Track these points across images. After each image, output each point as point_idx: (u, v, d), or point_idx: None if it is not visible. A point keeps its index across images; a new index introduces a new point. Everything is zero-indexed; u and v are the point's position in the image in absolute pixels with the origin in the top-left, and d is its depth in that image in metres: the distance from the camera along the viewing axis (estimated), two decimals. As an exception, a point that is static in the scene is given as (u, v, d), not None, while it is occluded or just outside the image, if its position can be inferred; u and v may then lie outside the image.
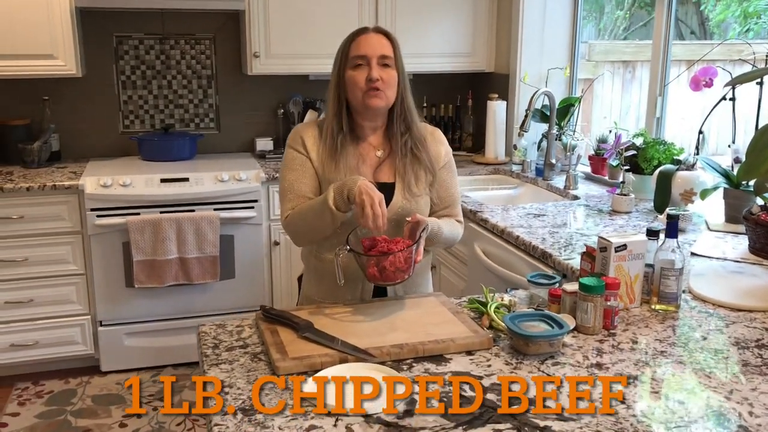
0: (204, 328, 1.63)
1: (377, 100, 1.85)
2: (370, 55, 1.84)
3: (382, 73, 1.85)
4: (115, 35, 3.76)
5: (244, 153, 4.00)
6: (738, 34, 4.37)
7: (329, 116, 1.93)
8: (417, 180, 1.92)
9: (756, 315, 1.71)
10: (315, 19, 3.64)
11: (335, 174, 1.87)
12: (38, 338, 3.32)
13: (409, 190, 1.90)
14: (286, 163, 1.95)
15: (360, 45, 1.86)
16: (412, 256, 1.67)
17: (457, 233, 2.02)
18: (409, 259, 1.66)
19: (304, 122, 2.01)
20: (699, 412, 1.26)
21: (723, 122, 3.17)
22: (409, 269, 1.67)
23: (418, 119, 1.97)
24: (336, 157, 1.88)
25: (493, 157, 3.83)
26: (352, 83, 1.86)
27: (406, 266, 1.65)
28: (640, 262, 1.70)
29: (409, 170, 1.92)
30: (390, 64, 1.87)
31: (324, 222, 1.77)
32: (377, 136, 1.96)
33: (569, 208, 2.79)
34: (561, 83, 3.83)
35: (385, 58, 1.86)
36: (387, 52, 1.86)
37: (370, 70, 1.84)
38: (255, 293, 3.54)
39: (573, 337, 1.56)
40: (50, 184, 3.19)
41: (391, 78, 1.87)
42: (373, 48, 1.85)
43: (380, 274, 1.65)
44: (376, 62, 1.84)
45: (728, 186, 2.47)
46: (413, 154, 1.92)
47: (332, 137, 1.89)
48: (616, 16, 6.03)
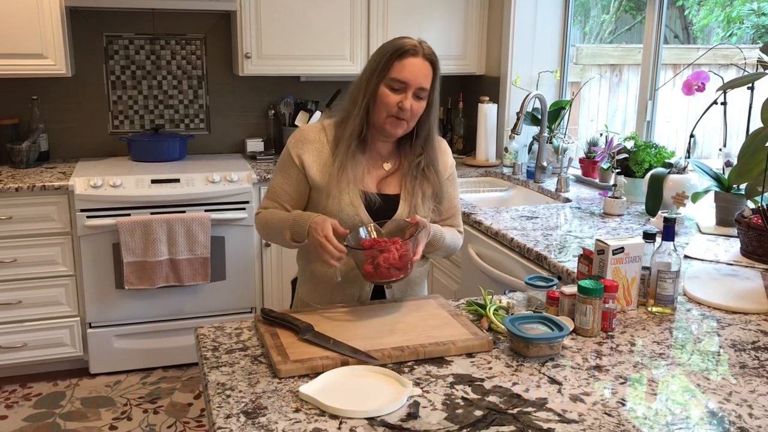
0: (202, 330, 1.62)
1: (398, 129, 1.82)
2: (411, 84, 1.77)
3: (415, 104, 1.80)
4: (105, 35, 3.73)
5: (235, 154, 3.99)
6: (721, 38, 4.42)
7: (354, 121, 1.84)
8: (424, 200, 1.90)
9: (751, 317, 1.73)
10: (307, 20, 3.63)
11: (337, 185, 1.84)
12: (26, 340, 3.29)
13: (414, 210, 1.88)
14: (279, 163, 1.94)
15: (405, 69, 1.77)
16: (408, 253, 1.66)
17: (458, 242, 2.01)
18: (405, 257, 1.65)
19: (315, 125, 1.94)
20: (699, 413, 1.27)
21: (711, 126, 3.21)
22: (405, 268, 1.67)
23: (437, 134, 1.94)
24: (345, 163, 1.83)
25: (484, 159, 3.84)
26: (382, 103, 1.79)
27: (401, 264, 1.65)
28: (637, 264, 1.72)
29: (418, 190, 1.89)
30: (424, 96, 1.81)
31: (282, 242, 1.87)
32: (388, 146, 1.92)
33: (561, 211, 2.81)
34: (551, 86, 3.85)
35: (423, 90, 1.80)
36: (426, 84, 1.80)
37: (404, 98, 1.78)
38: (246, 295, 3.53)
39: (572, 339, 1.57)
40: (39, 185, 3.16)
41: (420, 110, 1.82)
42: (416, 77, 1.78)
43: (375, 271, 1.65)
44: (412, 93, 1.78)
45: (719, 189, 2.50)
46: (424, 174, 1.90)
47: (348, 144, 1.84)
48: (602, 20, 6.08)
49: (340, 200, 1.84)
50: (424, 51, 1.80)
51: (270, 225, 1.88)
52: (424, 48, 1.81)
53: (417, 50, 1.79)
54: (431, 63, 1.81)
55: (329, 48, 3.67)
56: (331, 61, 3.72)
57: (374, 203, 1.86)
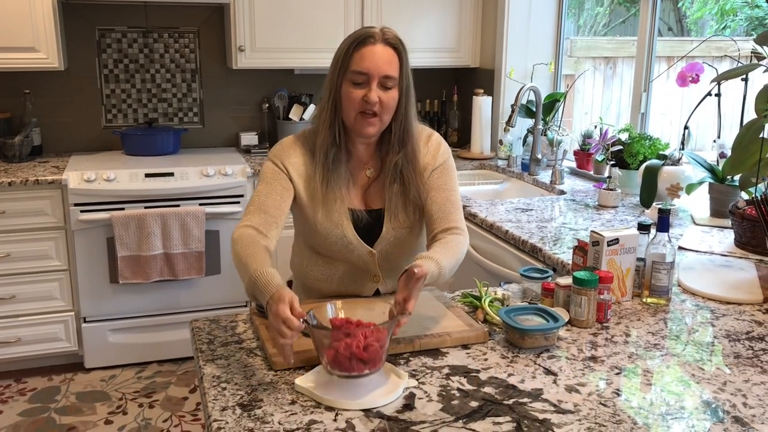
0: (197, 324, 1.62)
1: (370, 128, 1.69)
2: (372, 74, 1.65)
3: (383, 95, 1.66)
4: (97, 28, 3.71)
5: (229, 148, 3.98)
6: (715, 31, 4.42)
7: (324, 128, 1.73)
8: (405, 208, 1.79)
9: (745, 308, 1.74)
10: (301, 12, 3.62)
11: (323, 205, 1.75)
12: (21, 335, 3.28)
13: (396, 220, 1.79)
14: (262, 176, 1.79)
15: (363, 59, 1.65)
16: (377, 344, 1.27)
17: (461, 254, 1.71)
18: (372, 349, 1.26)
19: (290, 139, 1.82)
20: (694, 403, 1.28)
21: (704, 118, 3.22)
22: (373, 362, 1.27)
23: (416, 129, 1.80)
24: (327, 178, 1.73)
25: (479, 152, 3.84)
26: (348, 100, 1.68)
27: (366, 356, 1.26)
28: (632, 255, 1.72)
29: (397, 199, 1.79)
30: (392, 86, 1.68)
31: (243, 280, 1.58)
32: (369, 151, 1.81)
33: (556, 203, 2.81)
34: (546, 79, 3.85)
35: (389, 79, 1.66)
36: (391, 71, 1.66)
37: (368, 91, 1.65)
38: (241, 289, 3.47)
39: (567, 330, 1.58)
40: (32, 179, 3.14)
41: (391, 101, 1.68)
42: (376, 66, 1.65)
43: (334, 360, 1.27)
44: (377, 83, 1.66)
45: (713, 181, 2.51)
46: (402, 176, 1.77)
47: (325, 155, 1.73)
48: (596, 13, 6.07)
49: (330, 219, 1.77)
50: (384, 36, 1.68)
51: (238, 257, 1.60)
52: (384, 33, 1.68)
53: (376, 37, 1.66)
54: (394, 48, 1.68)
55: (323, 41, 3.65)
56: (325, 53, 3.62)
57: (361, 220, 1.79)
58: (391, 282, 1.87)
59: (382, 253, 1.82)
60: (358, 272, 1.86)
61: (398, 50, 1.70)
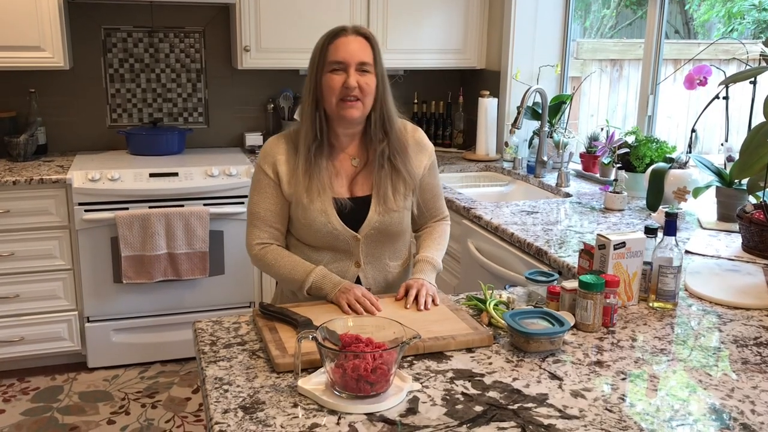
0: (200, 325, 1.61)
1: (353, 110, 1.78)
2: (349, 62, 1.76)
3: (361, 79, 1.76)
4: (103, 27, 3.71)
5: (233, 148, 3.97)
6: (722, 34, 4.40)
7: (306, 123, 1.83)
8: (395, 192, 1.86)
9: (753, 313, 1.72)
10: (306, 13, 3.61)
11: (306, 194, 1.82)
12: (24, 334, 3.28)
13: (384, 204, 1.85)
14: (253, 184, 1.92)
15: (338, 49, 1.77)
16: (386, 366, 1.25)
17: (446, 239, 2.02)
18: (381, 372, 1.24)
19: (276, 137, 1.91)
20: (701, 409, 1.26)
21: (711, 121, 3.20)
22: (380, 384, 1.25)
23: (398, 121, 1.89)
24: (309, 171, 1.81)
25: (484, 154, 3.82)
26: (328, 89, 1.77)
27: (374, 378, 1.24)
28: (639, 259, 1.70)
29: (386, 182, 1.85)
30: (369, 70, 1.78)
31: (293, 286, 1.85)
32: (354, 143, 1.89)
33: (561, 206, 2.79)
34: (552, 81, 3.83)
35: (364, 64, 1.77)
36: (366, 57, 1.78)
37: (347, 77, 1.75)
38: (244, 289, 3.51)
39: (573, 334, 1.56)
40: (37, 178, 3.14)
41: (370, 85, 1.78)
42: (351, 54, 1.76)
43: (340, 379, 1.26)
44: (354, 69, 1.76)
45: (721, 184, 2.49)
46: (391, 163, 1.85)
47: (307, 148, 1.81)
48: (603, 15, 6.06)
49: (311, 209, 1.82)
50: (355, 28, 1.81)
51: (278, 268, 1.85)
52: (356, 27, 1.82)
53: (348, 30, 1.80)
54: (366, 38, 1.80)
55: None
56: (330, 54, 3.69)
57: (345, 207, 1.84)
58: (372, 273, 1.92)
59: (366, 238, 1.87)
60: (340, 258, 1.90)
61: (370, 40, 1.81)
